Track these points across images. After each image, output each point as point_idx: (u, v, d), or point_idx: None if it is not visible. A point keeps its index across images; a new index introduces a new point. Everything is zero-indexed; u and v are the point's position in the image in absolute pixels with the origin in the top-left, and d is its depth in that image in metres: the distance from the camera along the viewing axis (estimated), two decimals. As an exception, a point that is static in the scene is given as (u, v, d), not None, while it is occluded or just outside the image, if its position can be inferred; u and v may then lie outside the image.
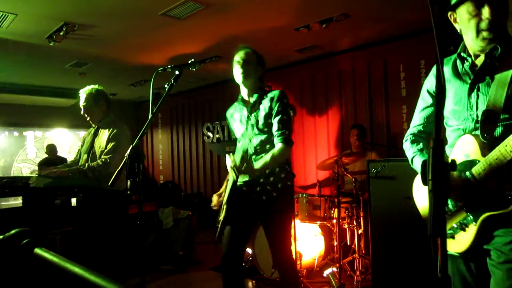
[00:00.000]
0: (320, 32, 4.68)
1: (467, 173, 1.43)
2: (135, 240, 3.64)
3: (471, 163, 1.43)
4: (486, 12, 1.41)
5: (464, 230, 1.44)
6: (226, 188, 2.60)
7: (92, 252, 3.04)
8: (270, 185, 2.43)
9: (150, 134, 9.35)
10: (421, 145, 1.78)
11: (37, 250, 0.93)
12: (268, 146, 2.47)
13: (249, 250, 4.06)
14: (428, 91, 1.76)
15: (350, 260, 3.99)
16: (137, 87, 7.54)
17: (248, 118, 2.50)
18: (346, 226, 4.15)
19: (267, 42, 5.09)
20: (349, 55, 5.60)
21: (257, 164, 2.35)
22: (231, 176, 2.46)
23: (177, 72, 2.07)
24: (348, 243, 4.18)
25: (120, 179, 1.93)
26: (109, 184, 1.90)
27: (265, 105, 2.47)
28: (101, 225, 3.09)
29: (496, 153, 1.32)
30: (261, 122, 2.46)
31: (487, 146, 1.41)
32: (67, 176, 3.07)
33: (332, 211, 4.08)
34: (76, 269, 0.77)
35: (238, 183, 2.45)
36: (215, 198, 2.68)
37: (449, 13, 1.55)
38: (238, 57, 2.53)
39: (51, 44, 4.64)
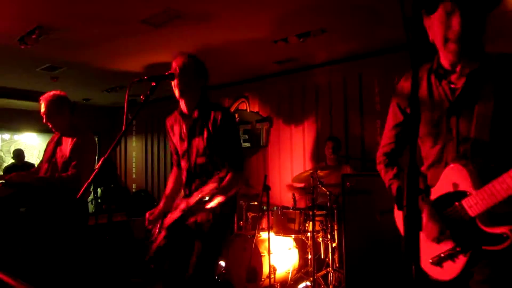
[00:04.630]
0: (298, 46, 4.72)
1: (457, 204, 1.39)
2: (103, 251, 3.53)
3: (461, 195, 1.38)
4: (455, 20, 1.31)
5: (453, 260, 1.41)
6: (164, 212, 2.42)
7: (54, 263, 2.92)
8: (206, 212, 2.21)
9: (124, 142, 9.15)
10: (395, 169, 1.70)
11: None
12: (210, 167, 2.26)
13: (222, 263, 4.00)
14: (399, 107, 1.68)
15: (324, 274, 3.99)
16: (111, 93, 7.39)
17: (189, 137, 2.31)
18: (320, 239, 4.16)
19: (245, 53, 5.10)
20: (326, 69, 5.66)
21: (211, 203, 2.11)
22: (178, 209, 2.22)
23: (153, 84, 2.01)
24: (322, 257, 4.18)
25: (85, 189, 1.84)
26: (78, 196, 1.82)
27: (208, 125, 2.25)
28: (64, 236, 2.96)
29: (491, 189, 1.27)
30: (203, 144, 2.25)
31: (478, 177, 1.36)
32: (34, 185, 2.95)
33: (307, 224, 4.08)
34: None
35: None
36: (148, 217, 2.43)
37: (425, 18, 1.45)
38: (174, 64, 2.26)
39: (22, 47, 4.49)
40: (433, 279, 1.47)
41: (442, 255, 1.43)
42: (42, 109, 3.13)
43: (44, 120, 3.16)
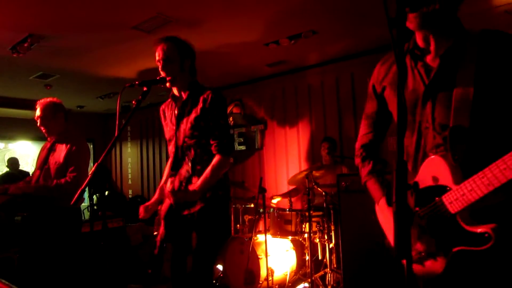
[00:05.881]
0: (289, 48, 4.74)
1: (437, 199, 1.27)
2: (99, 258, 3.52)
3: (441, 189, 1.25)
4: None
5: (434, 259, 1.29)
6: (159, 201, 2.42)
7: (51, 271, 2.91)
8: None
9: (119, 147, 9.14)
10: (371, 164, 1.60)
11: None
12: (199, 151, 2.23)
13: (219, 267, 4.00)
14: (374, 90, 1.56)
15: (322, 275, 4.00)
16: (105, 99, 7.38)
17: (178, 119, 2.30)
18: (317, 240, 4.16)
19: (237, 56, 5.12)
20: (318, 70, 5.69)
21: (197, 185, 2.11)
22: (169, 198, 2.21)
23: (145, 89, 2.02)
24: (320, 258, 4.19)
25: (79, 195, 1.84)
26: (72, 203, 1.82)
27: (197, 106, 2.22)
28: (59, 243, 2.95)
29: (471, 185, 1.15)
30: (190, 126, 2.22)
31: (458, 170, 1.23)
32: (32, 194, 2.94)
33: (304, 225, 4.08)
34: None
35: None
36: (142, 211, 2.43)
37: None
38: (158, 55, 2.19)
39: (14, 55, 4.48)
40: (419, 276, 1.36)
41: (423, 254, 1.32)
42: (38, 113, 3.16)
43: (38, 124, 3.18)
